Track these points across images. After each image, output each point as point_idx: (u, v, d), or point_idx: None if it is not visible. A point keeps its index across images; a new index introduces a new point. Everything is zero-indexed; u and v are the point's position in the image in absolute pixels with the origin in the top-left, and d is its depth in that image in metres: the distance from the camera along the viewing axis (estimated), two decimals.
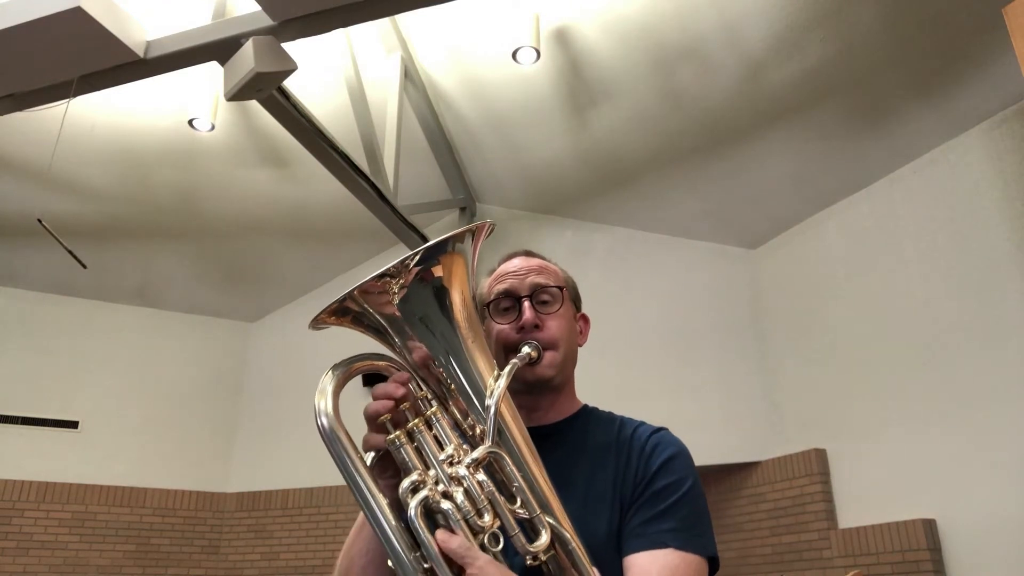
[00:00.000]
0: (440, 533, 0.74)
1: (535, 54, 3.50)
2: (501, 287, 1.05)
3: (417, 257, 0.81)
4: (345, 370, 0.83)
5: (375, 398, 0.83)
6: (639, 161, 4.29)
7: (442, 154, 4.53)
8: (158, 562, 4.95)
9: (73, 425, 4.97)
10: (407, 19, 3.76)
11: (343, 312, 0.84)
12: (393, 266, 0.80)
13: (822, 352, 4.09)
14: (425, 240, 4.14)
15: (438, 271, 0.83)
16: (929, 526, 3.33)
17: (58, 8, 2.41)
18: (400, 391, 0.82)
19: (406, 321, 0.83)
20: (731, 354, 4.48)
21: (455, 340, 0.85)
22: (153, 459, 5.15)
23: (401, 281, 0.81)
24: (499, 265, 1.12)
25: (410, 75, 3.96)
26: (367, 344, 0.91)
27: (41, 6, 2.42)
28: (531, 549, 0.79)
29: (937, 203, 3.62)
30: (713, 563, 0.92)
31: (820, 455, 3.93)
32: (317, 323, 0.85)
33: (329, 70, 3.73)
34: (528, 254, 1.12)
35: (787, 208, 4.32)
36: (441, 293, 0.84)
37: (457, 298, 0.85)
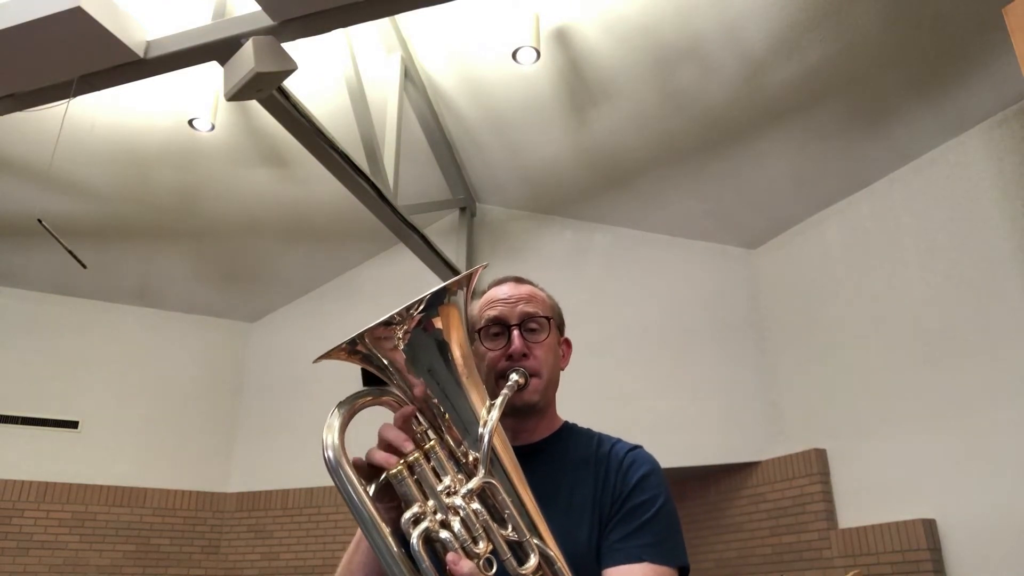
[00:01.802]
0: (451, 556, 0.79)
1: (535, 54, 3.50)
2: (491, 313, 1.09)
3: (421, 305, 0.87)
4: (350, 407, 0.89)
5: (383, 444, 0.87)
6: (639, 161, 4.29)
7: (442, 154, 4.53)
8: (158, 562, 4.95)
9: (73, 425, 4.97)
10: (407, 19, 3.76)
11: (350, 352, 0.89)
12: (397, 313, 0.86)
13: (822, 352, 4.09)
14: (425, 240, 4.15)
15: (436, 315, 0.90)
16: (929, 526, 3.33)
17: (58, 8, 2.41)
18: (408, 447, 0.86)
19: (407, 359, 0.89)
20: (731, 354, 4.48)
21: (451, 376, 0.91)
22: (153, 459, 5.15)
23: (405, 327, 0.88)
24: (489, 288, 1.15)
25: (410, 75, 3.96)
26: None
27: (41, 6, 2.42)
28: (521, 572, 0.84)
29: (937, 203, 3.62)
30: (683, 571, 1.00)
31: (820, 455, 3.93)
32: (323, 359, 0.89)
33: (329, 70, 3.73)
34: (518, 281, 1.16)
35: (787, 208, 4.32)
36: (439, 334, 0.90)
37: (454, 338, 0.91)
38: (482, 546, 0.82)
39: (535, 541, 0.87)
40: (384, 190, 3.65)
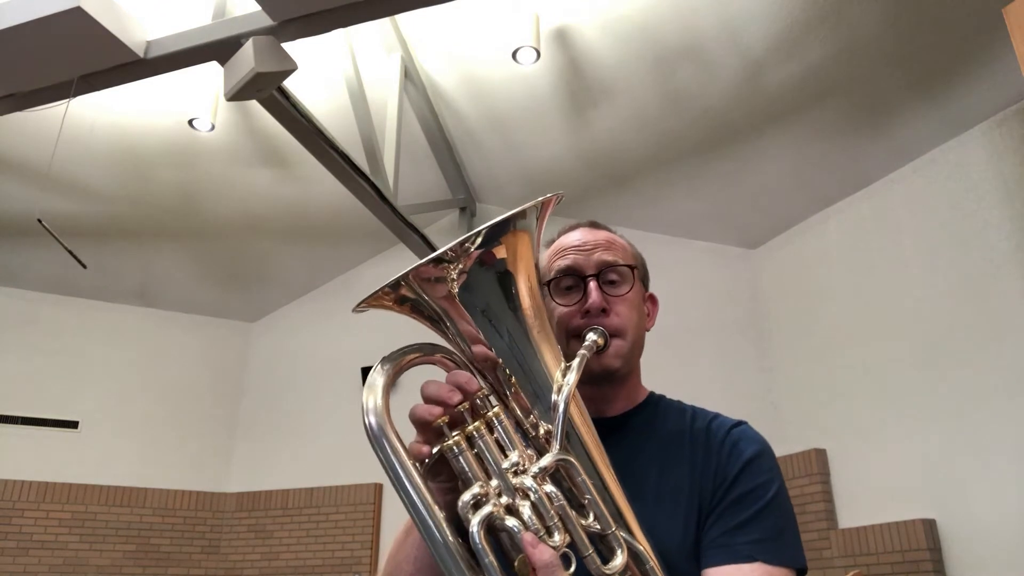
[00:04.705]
0: (529, 536, 0.65)
1: (535, 54, 3.50)
2: (563, 263, 0.94)
3: (479, 239, 0.71)
4: (396, 363, 0.73)
5: (425, 399, 0.73)
6: (639, 161, 4.29)
7: (442, 154, 4.53)
8: (158, 562, 4.95)
9: (73, 425, 4.97)
10: (407, 19, 3.76)
11: (395, 298, 0.75)
12: (451, 248, 0.70)
13: (822, 352, 4.09)
14: (425, 240, 4.15)
15: (500, 252, 0.73)
16: (929, 526, 3.33)
17: (58, 8, 2.41)
18: (456, 398, 0.71)
19: (464, 308, 0.73)
20: (731, 354, 4.48)
21: (519, 329, 0.75)
22: (153, 459, 5.15)
23: (460, 266, 0.71)
24: (559, 236, 1.00)
25: (410, 75, 3.96)
26: (375, 341, 0.88)
27: (41, 6, 2.42)
28: (606, 572, 0.70)
29: (937, 203, 3.62)
30: (801, 573, 0.84)
31: (820, 455, 3.93)
32: (363, 305, 0.76)
33: (329, 70, 3.73)
34: (594, 225, 1.00)
35: (787, 208, 4.32)
36: (504, 277, 0.74)
37: (522, 282, 0.75)
38: (558, 538, 0.66)
39: (622, 534, 0.72)
40: (384, 190, 3.65)
